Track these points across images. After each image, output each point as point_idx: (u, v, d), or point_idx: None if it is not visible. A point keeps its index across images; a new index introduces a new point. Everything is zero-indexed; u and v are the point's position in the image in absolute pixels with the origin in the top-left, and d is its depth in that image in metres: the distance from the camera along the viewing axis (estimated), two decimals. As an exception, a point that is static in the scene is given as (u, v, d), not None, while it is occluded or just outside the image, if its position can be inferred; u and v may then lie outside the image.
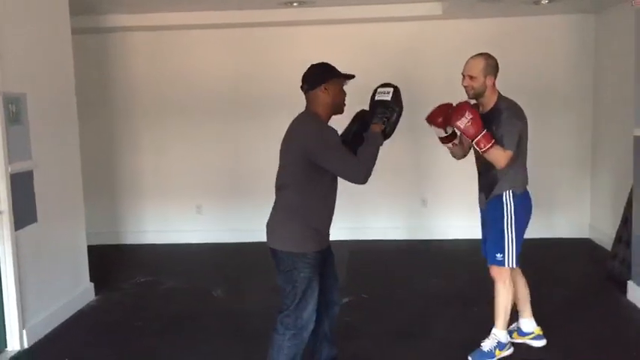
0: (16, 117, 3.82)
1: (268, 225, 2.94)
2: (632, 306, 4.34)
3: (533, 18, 6.13)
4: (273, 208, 2.95)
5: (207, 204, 6.66)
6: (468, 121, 3.19)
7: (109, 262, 5.85)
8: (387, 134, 2.91)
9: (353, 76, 2.93)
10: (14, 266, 3.77)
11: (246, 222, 6.43)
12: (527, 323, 3.68)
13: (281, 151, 2.94)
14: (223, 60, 6.45)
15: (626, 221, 4.83)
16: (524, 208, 3.37)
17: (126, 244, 6.63)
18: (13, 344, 3.84)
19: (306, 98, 2.93)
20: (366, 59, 6.31)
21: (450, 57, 6.26)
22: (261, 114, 6.38)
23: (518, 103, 3.41)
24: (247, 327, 4.15)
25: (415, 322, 4.21)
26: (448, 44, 6.29)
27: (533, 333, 3.67)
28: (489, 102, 3.39)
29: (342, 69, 3.04)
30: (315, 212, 2.85)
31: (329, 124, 2.90)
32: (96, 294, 4.89)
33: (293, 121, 2.94)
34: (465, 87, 3.39)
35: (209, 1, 5.51)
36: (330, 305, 3.11)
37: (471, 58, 3.40)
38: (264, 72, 6.37)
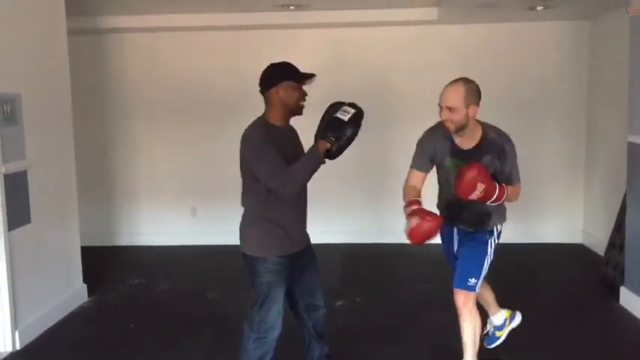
0: (10, 117, 3.81)
1: (239, 229, 2.98)
2: (625, 312, 4.36)
3: (528, 24, 6.16)
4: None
5: (202, 206, 6.66)
6: (481, 192, 2.83)
7: (103, 263, 5.83)
8: (331, 155, 2.74)
9: (311, 76, 2.85)
10: (7, 267, 3.75)
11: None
12: (498, 316, 3.56)
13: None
14: (219, 62, 6.45)
15: (619, 227, 4.85)
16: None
17: (120, 246, 6.61)
18: (6, 345, 3.83)
19: (264, 100, 2.91)
20: (362, 63, 6.33)
21: (445, 62, 6.30)
22: (256, 116, 6.37)
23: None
24: (241, 329, 4.12)
25: (408, 325, 4.21)
26: (443, 49, 6.31)
27: (505, 318, 3.58)
28: (474, 134, 2.96)
29: (338, 72, 3.04)
30: (277, 217, 2.81)
31: (291, 122, 2.91)
32: (89, 295, 4.87)
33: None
34: (443, 121, 2.91)
35: (205, 3, 5.51)
36: (312, 309, 3.07)
37: (448, 85, 2.92)
38: (260, 75, 6.36)
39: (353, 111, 2.75)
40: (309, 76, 2.84)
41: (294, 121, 3.02)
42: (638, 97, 4.31)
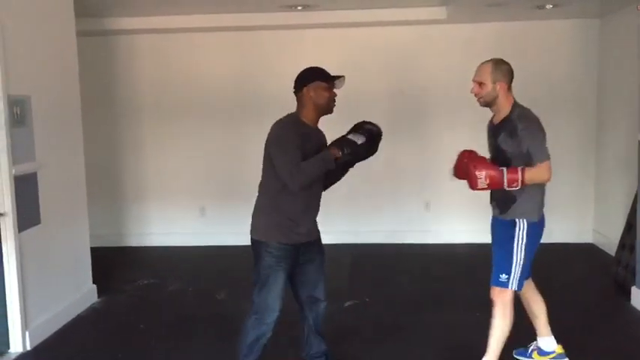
0: (20, 119, 3.83)
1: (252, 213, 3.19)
2: (637, 312, 4.33)
3: (537, 22, 6.12)
4: None
5: (211, 206, 6.67)
6: (485, 179, 2.96)
7: (112, 264, 5.85)
8: (346, 164, 3.06)
9: (338, 78, 3.05)
10: (17, 268, 3.77)
11: (250, 224, 6.42)
12: (548, 342, 3.44)
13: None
14: (227, 63, 6.46)
15: (630, 228, 4.81)
16: (535, 236, 3.15)
17: (129, 247, 6.64)
18: (16, 346, 3.84)
19: (296, 100, 3.11)
20: (370, 63, 6.32)
21: (454, 61, 6.28)
22: (265, 116, 6.28)
23: (524, 107, 3.28)
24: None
25: (417, 326, 4.19)
26: (452, 48, 6.29)
27: (554, 352, 3.44)
28: (502, 111, 3.13)
29: (346, 72, 3.12)
30: (285, 207, 3.00)
31: (319, 122, 3.11)
32: (99, 296, 4.89)
33: None
34: (475, 95, 3.17)
35: (213, 4, 5.52)
36: (314, 302, 3.20)
37: (481, 63, 3.17)
38: (268, 75, 6.37)
39: (364, 138, 3.03)
40: (338, 78, 3.05)
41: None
42: (649, 95, 4.28)
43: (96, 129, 6.34)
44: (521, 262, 3.10)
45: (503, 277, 3.11)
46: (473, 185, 3.01)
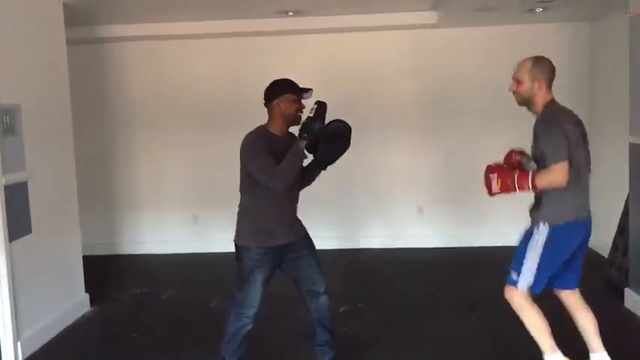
0: (10, 128, 3.81)
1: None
2: (630, 313, 4.34)
3: (527, 26, 6.15)
4: None
5: (204, 214, 6.65)
6: (498, 183, 2.95)
7: (105, 272, 5.82)
8: (312, 150, 3.16)
9: (306, 90, 3.18)
10: (8, 277, 3.74)
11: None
12: (603, 357, 3.26)
13: None
14: (220, 69, 6.46)
15: (622, 230, 4.83)
16: (561, 241, 3.01)
17: (122, 255, 6.61)
18: (8, 356, 3.81)
19: (267, 111, 3.27)
20: (362, 68, 6.33)
21: (445, 65, 6.30)
22: (259, 123, 6.34)
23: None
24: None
25: (412, 331, 4.19)
26: (443, 53, 6.30)
27: None
28: (539, 110, 3.07)
29: (338, 77, 3.16)
30: (262, 213, 3.19)
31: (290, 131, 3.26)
32: (91, 305, 4.86)
33: None
34: (512, 92, 3.12)
35: (205, 10, 5.52)
36: (313, 294, 3.35)
37: (522, 60, 3.15)
38: (261, 81, 6.28)
39: (315, 106, 3.11)
40: (306, 90, 3.19)
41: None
42: (639, 98, 4.30)
43: (88, 137, 6.32)
44: (535, 265, 3.00)
45: (513, 275, 3.07)
46: (488, 189, 3.01)
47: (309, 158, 3.23)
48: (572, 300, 3.27)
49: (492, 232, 6.26)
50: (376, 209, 6.53)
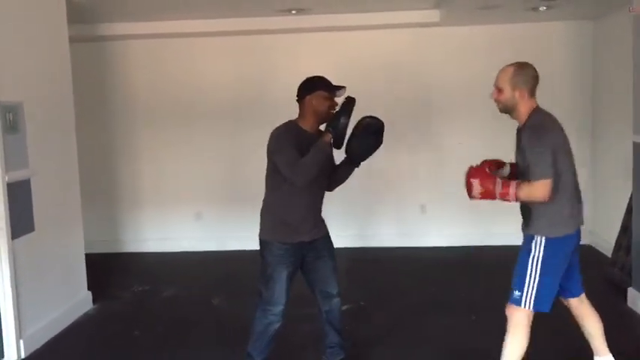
0: (13, 125, 3.81)
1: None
2: (633, 313, 4.33)
3: (531, 25, 6.13)
4: None
5: (207, 211, 6.65)
6: (479, 188, 2.88)
7: (108, 270, 5.82)
8: (337, 142, 3.13)
9: (339, 88, 3.17)
10: (11, 275, 3.75)
11: (246, 229, 6.37)
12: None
13: None
14: (223, 67, 6.46)
15: (625, 229, 4.82)
16: (558, 253, 2.91)
17: (125, 252, 6.61)
18: (10, 354, 3.81)
19: (298, 107, 3.27)
20: (365, 66, 6.32)
21: (449, 64, 6.29)
22: (261, 121, 6.33)
23: (542, 114, 3.13)
24: (247, 335, 4.12)
25: (414, 330, 4.19)
26: (446, 51, 6.29)
27: None
28: (521, 119, 2.98)
29: (341, 75, 3.18)
30: (285, 207, 3.18)
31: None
32: (94, 303, 4.86)
33: None
34: (494, 100, 3.03)
35: (208, 9, 5.51)
36: (326, 296, 3.35)
37: (504, 67, 3.01)
38: (264, 79, 6.37)
39: (339, 104, 3.13)
40: (340, 88, 3.18)
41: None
42: (642, 96, 4.28)
43: (91, 135, 6.31)
44: (537, 280, 2.89)
45: (517, 293, 2.94)
46: (468, 192, 2.96)
47: (339, 155, 3.23)
48: (581, 308, 3.22)
49: (495, 231, 6.25)
50: (378, 208, 6.52)
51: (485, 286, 4.97)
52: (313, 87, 3.19)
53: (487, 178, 2.89)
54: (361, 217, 6.53)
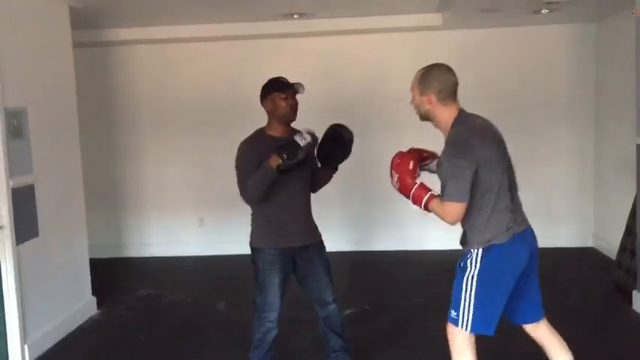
0: (17, 131, 3.83)
1: None
2: (639, 316, 4.31)
3: (533, 28, 6.14)
4: None
5: (210, 216, 6.65)
6: (396, 181, 2.68)
7: (112, 275, 5.83)
8: (282, 170, 3.01)
9: (290, 85, 3.12)
10: (15, 280, 3.75)
11: (249, 234, 6.41)
12: None
13: None
14: (225, 72, 6.47)
15: (630, 231, 4.80)
16: (497, 267, 2.57)
17: (128, 257, 6.62)
18: (15, 359, 3.82)
19: None
20: (366, 70, 6.32)
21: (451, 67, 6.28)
22: (263, 125, 6.41)
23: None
24: (250, 339, 4.13)
25: (418, 333, 4.17)
26: (448, 55, 6.25)
27: None
28: (443, 128, 2.68)
29: (342, 79, 3.13)
30: (272, 214, 3.18)
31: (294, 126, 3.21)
32: (98, 308, 4.87)
33: None
34: None
35: (210, 14, 5.52)
36: (322, 303, 3.32)
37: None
38: (266, 84, 6.38)
39: (309, 138, 3.00)
40: (291, 86, 3.12)
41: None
42: (646, 98, 4.28)
43: (94, 140, 6.33)
44: (472, 298, 2.58)
45: (453, 313, 2.66)
46: (393, 184, 2.74)
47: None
48: (541, 333, 2.82)
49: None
50: (379, 211, 6.51)
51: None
52: (266, 90, 3.19)
53: (407, 174, 2.66)
54: (362, 221, 6.51)
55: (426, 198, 2.59)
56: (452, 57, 6.30)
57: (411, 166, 2.67)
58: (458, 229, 2.78)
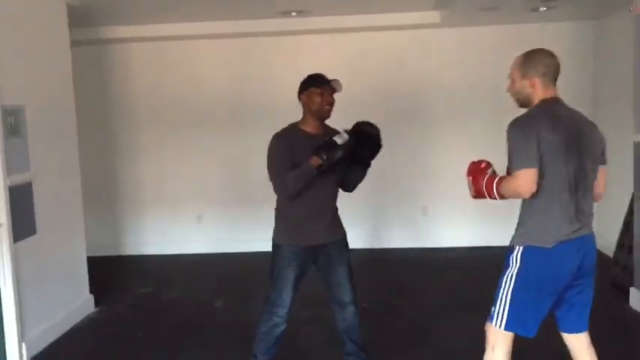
0: (14, 129, 3.82)
1: None
2: (636, 313, 4.32)
3: (531, 25, 6.13)
4: None
5: (208, 214, 6.65)
6: (472, 187, 2.65)
7: (109, 273, 5.83)
8: (322, 170, 3.01)
9: (328, 82, 3.11)
10: (13, 278, 3.75)
11: (247, 232, 6.42)
12: None
13: None
14: (223, 70, 6.46)
15: (627, 228, 4.81)
16: (541, 267, 2.48)
17: (126, 255, 6.62)
18: (12, 357, 3.81)
19: None
20: (365, 68, 6.32)
21: (448, 65, 6.29)
22: (262, 123, 6.35)
23: (518, 111, 3.04)
24: (249, 338, 4.11)
25: (415, 331, 4.18)
26: (446, 52, 6.29)
27: None
28: None
29: (341, 77, 3.16)
30: (292, 211, 3.15)
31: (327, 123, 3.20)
32: (96, 306, 4.87)
33: None
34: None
35: (208, 11, 5.52)
36: (341, 304, 3.29)
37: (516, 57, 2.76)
38: (264, 81, 6.37)
39: (346, 138, 2.99)
40: (328, 82, 3.11)
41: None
42: (643, 96, 4.28)
43: (92, 138, 6.32)
44: (509, 296, 2.53)
45: (492, 310, 2.62)
46: (470, 192, 2.72)
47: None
48: (579, 347, 2.79)
49: (497, 230, 6.23)
50: (380, 210, 6.52)
51: (487, 285, 4.95)
52: (304, 85, 3.17)
53: (478, 175, 2.62)
54: (362, 220, 6.50)
55: (496, 180, 2.51)
56: (450, 55, 6.36)
57: (482, 165, 2.67)
58: (457, 228, 2.77)
